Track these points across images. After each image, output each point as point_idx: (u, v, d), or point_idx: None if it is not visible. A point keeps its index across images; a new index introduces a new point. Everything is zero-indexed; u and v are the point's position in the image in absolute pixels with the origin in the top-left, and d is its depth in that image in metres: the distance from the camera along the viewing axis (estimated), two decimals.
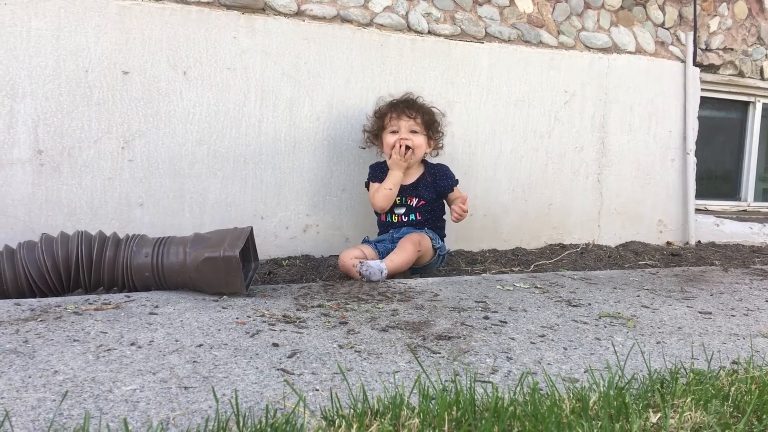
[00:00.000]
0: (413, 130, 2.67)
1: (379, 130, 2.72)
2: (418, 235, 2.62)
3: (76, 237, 2.01)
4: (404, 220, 2.73)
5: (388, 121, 2.68)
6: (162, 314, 1.75)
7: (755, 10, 4.00)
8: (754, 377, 1.23)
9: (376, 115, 2.74)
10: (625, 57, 3.53)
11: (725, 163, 4.30)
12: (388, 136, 2.68)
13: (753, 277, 2.78)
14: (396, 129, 2.66)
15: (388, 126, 2.68)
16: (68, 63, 2.45)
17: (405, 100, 2.72)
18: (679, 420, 0.99)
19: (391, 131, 2.67)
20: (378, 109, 2.74)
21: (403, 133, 2.65)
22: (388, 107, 2.71)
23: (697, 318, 2.02)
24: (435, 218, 2.78)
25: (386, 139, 2.69)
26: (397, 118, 2.66)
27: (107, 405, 1.14)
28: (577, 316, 1.96)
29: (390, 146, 2.65)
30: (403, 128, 2.65)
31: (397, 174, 2.65)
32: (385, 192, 2.65)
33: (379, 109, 2.74)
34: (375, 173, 2.76)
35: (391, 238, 2.67)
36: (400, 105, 2.69)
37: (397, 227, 2.72)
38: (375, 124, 2.74)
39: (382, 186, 2.66)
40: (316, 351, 1.50)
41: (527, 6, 3.29)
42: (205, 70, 2.65)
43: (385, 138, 2.70)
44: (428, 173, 2.76)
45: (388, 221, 2.74)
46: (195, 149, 2.66)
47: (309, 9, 2.80)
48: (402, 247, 2.53)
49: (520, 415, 0.96)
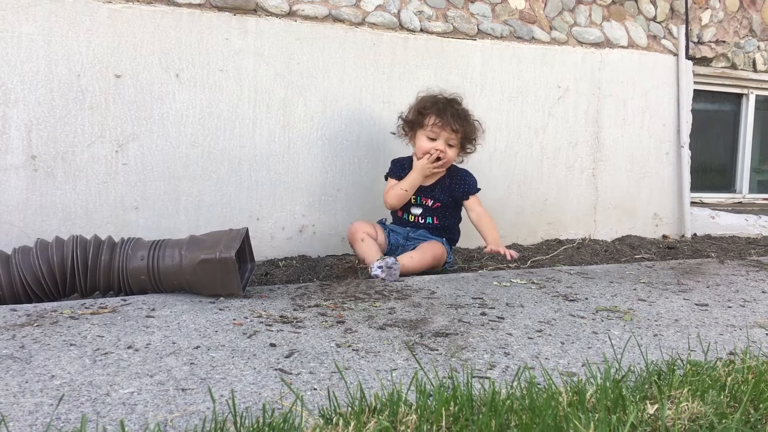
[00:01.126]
0: (451, 143, 2.58)
1: (416, 126, 2.61)
2: (441, 248, 2.61)
3: (71, 241, 2.01)
4: (421, 222, 2.70)
5: (429, 123, 2.57)
6: (159, 317, 1.75)
7: (747, 3, 4.01)
8: (750, 367, 1.23)
9: (418, 110, 2.60)
10: (618, 51, 3.54)
11: (720, 156, 4.31)
12: (424, 141, 2.58)
13: (749, 269, 2.79)
14: (435, 137, 2.57)
15: (428, 129, 2.57)
16: (60, 67, 2.45)
17: (454, 110, 2.58)
18: (677, 411, 0.99)
19: (428, 136, 2.57)
20: (423, 105, 2.60)
21: (440, 144, 2.56)
22: (434, 109, 2.57)
23: (693, 310, 2.02)
24: (452, 227, 2.76)
25: (420, 141, 2.59)
26: (441, 128, 2.55)
27: (104, 408, 1.14)
28: (574, 311, 1.97)
29: (423, 151, 2.58)
30: (441, 139, 2.56)
31: (417, 178, 2.60)
32: (400, 192, 2.61)
33: (423, 105, 2.60)
34: (395, 169, 2.71)
35: (406, 236, 2.67)
36: (448, 113, 2.56)
37: (413, 227, 2.70)
38: (415, 117, 2.61)
39: (399, 185, 2.61)
40: (314, 350, 1.50)
41: (519, 2, 3.30)
42: (197, 72, 2.64)
43: (419, 139, 2.60)
44: (447, 176, 2.69)
45: (405, 218, 2.71)
46: (189, 151, 2.66)
47: (301, 9, 2.80)
48: (423, 252, 2.53)
49: (517, 409, 0.96)
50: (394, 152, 3.00)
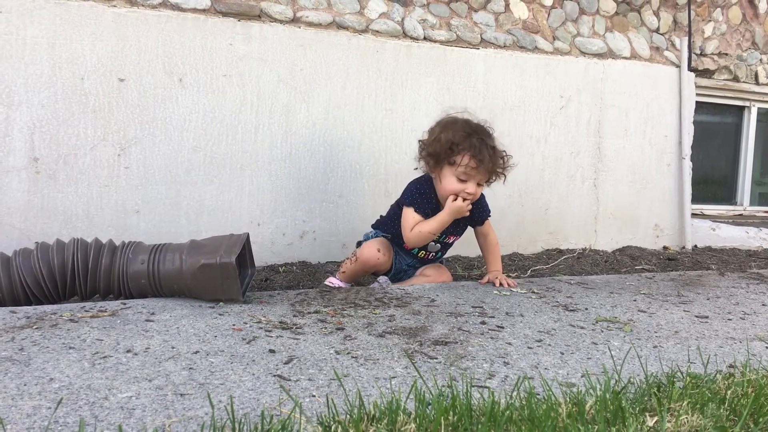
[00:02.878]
0: (480, 183, 2.36)
1: (444, 161, 2.31)
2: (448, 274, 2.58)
3: (72, 244, 2.01)
4: (431, 257, 2.57)
5: (462, 163, 2.28)
6: (158, 321, 1.75)
7: (749, 15, 4.02)
8: (750, 380, 1.23)
9: (449, 144, 2.28)
10: (621, 62, 3.55)
11: (721, 168, 4.31)
12: (454, 182, 2.31)
13: (749, 281, 2.78)
14: (466, 178, 2.31)
15: (459, 167, 2.29)
16: (64, 71, 2.45)
17: (489, 150, 2.30)
18: (676, 423, 0.98)
19: (459, 177, 2.30)
20: (454, 140, 2.28)
21: (472, 187, 2.31)
22: (469, 148, 2.27)
23: (693, 322, 2.02)
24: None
25: (448, 181, 2.32)
26: (475, 168, 2.29)
27: (103, 412, 1.13)
28: (574, 321, 1.96)
29: (452, 192, 2.32)
30: (473, 181, 2.32)
31: (447, 220, 2.34)
32: (427, 236, 2.37)
33: (455, 140, 2.28)
34: (420, 203, 2.40)
35: (412, 265, 2.57)
36: (485, 154, 2.28)
37: (420, 261, 2.57)
38: (443, 150, 2.30)
39: (426, 227, 2.35)
40: (313, 357, 1.50)
41: (522, 12, 3.31)
42: (201, 77, 2.65)
43: (446, 176, 2.32)
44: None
45: (414, 252, 2.53)
46: (191, 156, 2.66)
47: (305, 16, 2.81)
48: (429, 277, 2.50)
49: (516, 420, 0.96)
50: (395, 159, 3.00)
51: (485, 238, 2.57)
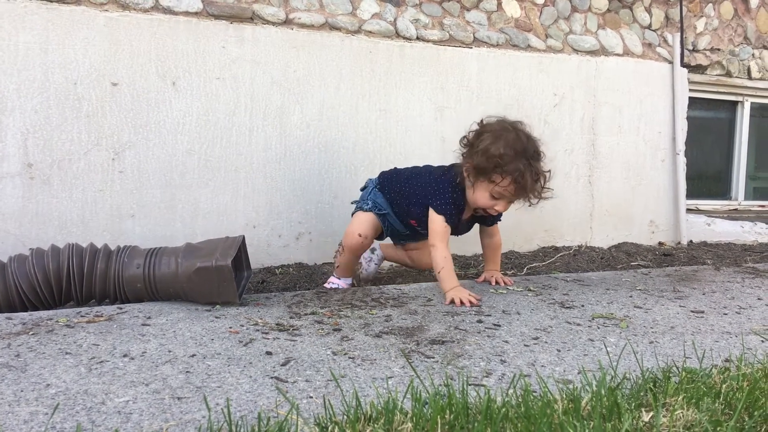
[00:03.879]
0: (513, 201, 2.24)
1: (486, 172, 2.15)
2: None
3: (66, 249, 2.00)
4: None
5: (501, 183, 2.15)
6: (154, 325, 1.75)
7: (741, 10, 4.03)
8: (745, 374, 1.24)
9: (495, 161, 2.12)
10: (613, 59, 3.55)
11: (715, 163, 4.32)
12: (486, 197, 2.20)
13: (745, 276, 2.79)
14: (500, 198, 2.20)
15: (498, 187, 2.16)
16: (57, 76, 2.45)
17: (534, 175, 2.15)
18: (671, 418, 0.99)
19: (493, 195, 2.19)
20: (501, 158, 2.11)
21: (502, 206, 2.23)
22: (513, 169, 2.11)
23: (689, 317, 2.03)
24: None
25: (481, 195, 2.21)
26: (514, 192, 2.17)
27: (100, 417, 1.13)
28: (570, 318, 1.97)
29: (480, 207, 2.24)
30: (506, 201, 2.22)
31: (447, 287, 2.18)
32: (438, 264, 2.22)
33: (502, 157, 2.11)
34: (452, 215, 2.27)
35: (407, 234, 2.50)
36: (527, 179, 2.12)
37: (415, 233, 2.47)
38: (485, 166, 2.14)
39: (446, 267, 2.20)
40: (310, 358, 1.50)
41: (515, 11, 3.31)
42: (194, 80, 2.65)
43: (481, 190, 2.20)
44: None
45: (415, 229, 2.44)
46: (185, 159, 2.66)
47: (297, 17, 2.81)
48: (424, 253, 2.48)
49: (512, 417, 0.96)
50: (390, 159, 3.00)
51: (491, 238, 2.53)
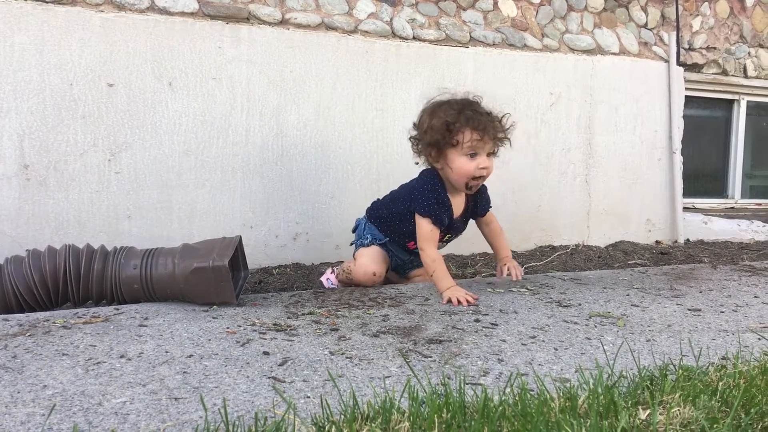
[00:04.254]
0: (490, 152, 2.17)
1: (445, 146, 2.14)
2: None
3: (63, 250, 2.00)
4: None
5: (463, 138, 2.11)
6: (151, 326, 1.75)
7: (737, 9, 4.04)
8: (742, 372, 1.24)
9: (444, 127, 2.12)
10: (609, 58, 3.56)
11: (712, 161, 4.33)
12: (464, 161, 2.13)
13: (741, 274, 2.80)
14: (475, 151, 2.13)
15: (464, 145, 2.11)
16: (53, 77, 2.45)
17: (485, 117, 2.14)
18: (668, 416, 0.99)
19: (467, 153, 2.12)
20: (447, 120, 2.12)
21: (485, 160, 2.14)
22: (466, 122, 2.11)
23: (686, 315, 2.03)
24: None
25: (458, 162, 2.14)
26: (480, 139, 2.11)
27: (97, 418, 1.13)
28: (567, 317, 1.97)
29: (468, 174, 2.15)
30: (484, 153, 2.14)
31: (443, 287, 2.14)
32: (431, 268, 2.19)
33: (448, 119, 2.12)
34: (437, 213, 2.20)
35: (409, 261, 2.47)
36: (482, 120, 2.12)
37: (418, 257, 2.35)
38: (441, 135, 2.13)
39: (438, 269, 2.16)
40: (307, 358, 1.50)
41: (511, 10, 3.31)
42: (190, 80, 2.65)
43: (454, 160, 2.15)
44: (471, 200, 2.35)
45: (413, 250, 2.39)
46: (182, 160, 2.65)
47: (293, 17, 2.81)
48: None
49: (509, 416, 0.97)
50: (387, 159, 3.01)
51: (489, 226, 2.44)
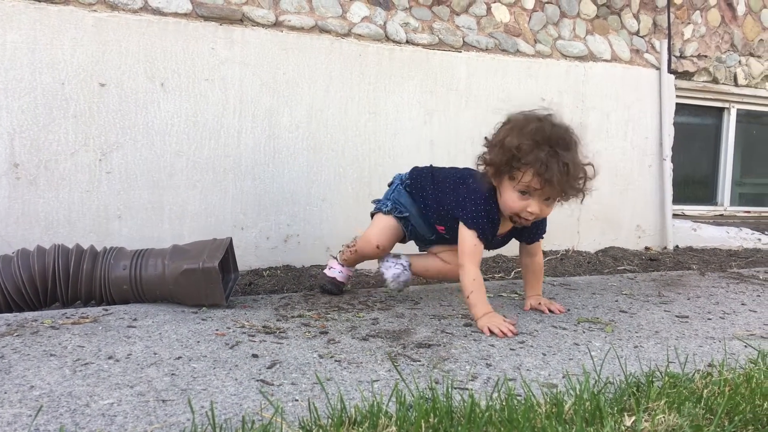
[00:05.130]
0: (548, 197, 1.91)
1: (504, 171, 1.89)
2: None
3: (52, 250, 1.99)
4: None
5: (521, 178, 1.85)
6: (140, 327, 1.74)
7: (728, 18, 4.07)
8: (727, 380, 1.25)
9: (511, 154, 1.84)
10: (601, 65, 3.58)
11: (701, 169, 4.36)
12: (515, 197, 1.89)
13: (729, 281, 2.82)
14: (527, 191, 1.87)
15: (522, 181, 1.85)
16: (44, 76, 2.44)
17: (563, 165, 1.81)
18: (653, 423, 1.00)
19: (520, 190, 1.87)
20: (516, 149, 1.82)
21: (535, 205, 1.89)
22: (532, 160, 1.81)
23: (674, 322, 2.04)
24: None
25: (508, 196, 1.90)
26: (540, 187, 1.84)
27: (84, 419, 1.13)
28: (556, 322, 1.98)
29: (511, 211, 1.92)
30: (538, 196, 1.88)
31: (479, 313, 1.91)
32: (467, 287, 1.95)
33: (518, 148, 1.82)
34: (485, 229, 1.99)
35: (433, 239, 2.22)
36: (553, 170, 1.80)
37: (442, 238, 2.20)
38: (505, 161, 1.86)
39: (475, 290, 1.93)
40: (296, 361, 1.50)
41: (504, 15, 3.33)
42: (182, 81, 2.64)
43: (506, 190, 1.91)
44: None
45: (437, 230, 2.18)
46: (173, 160, 2.65)
47: (287, 20, 2.81)
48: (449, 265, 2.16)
49: (495, 421, 0.97)
50: (379, 163, 3.01)
51: (532, 257, 2.21)
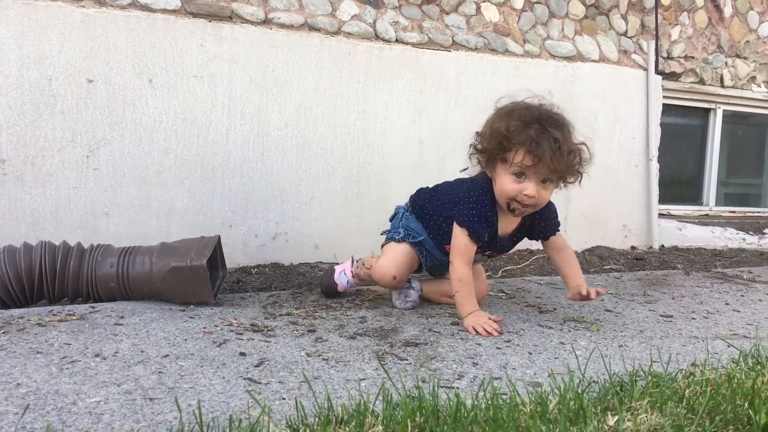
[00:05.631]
0: (546, 179, 1.85)
1: (498, 154, 1.85)
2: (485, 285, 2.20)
3: (39, 247, 1.99)
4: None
5: (513, 159, 1.80)
6: (127, 325, 1.74)
7: (715, 19, 4.10)
8: (709, 379, 1.27)
9: (500, 138, 1.82)
10: (589, 65, 3.60)
11: (687, 169, 4.40)
12: (509, 181, 1.84)
13: (714, 281, 2.85)
14: (523, 171, 1.82)
15: (514, 162, 1.81)
16: (32, 71, 2.42)
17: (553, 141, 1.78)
18: (635, 422, 1.01)
19: (514, 172, 1.83)
20: (506, 131, 1.80)
21: (531, 186, 1.82)
22: (523, 139, 1.78)
23: (658, 321, 2.07)
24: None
25: (503, 181, 1.85)
26: (533, 164, 1.79)
27: (70, 417, 1.13)
28: (542, 321, 2.00)
29: (508, 196, 1.86)
30: (533, 177, 1.82)
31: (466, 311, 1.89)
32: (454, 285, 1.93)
33: (507, 131, 1.80)
34: (477, 228, 1.92)
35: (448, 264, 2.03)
36: (543, 147, 1.77)
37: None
38: (492, 146, 1.85)
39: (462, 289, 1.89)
40: (284, 359, 1.51)
41: (493, 15, 3.34)
42: (171, 78, 2.64)
43: (501, 175, 1.86)
44: (528, 219, 2.03)
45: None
46: (162, 157, 2.64)
47: (276, 17, 2.81)
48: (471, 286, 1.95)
49: (480, 421, 0.98)
50: (367, 161, 3.01)
51: (560, 251, 2.09)
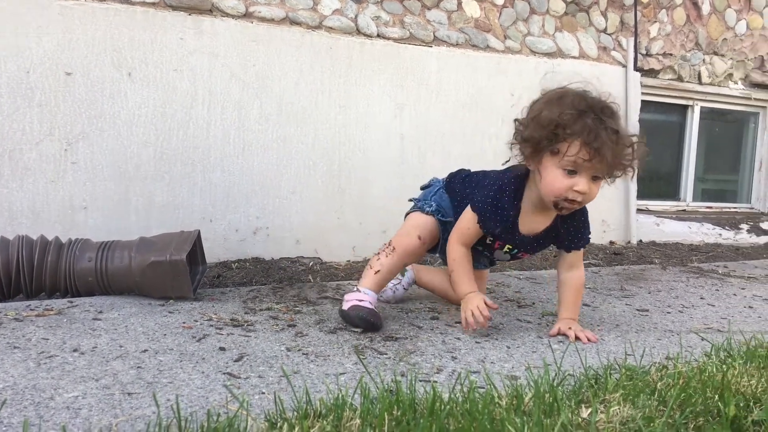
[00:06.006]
0: (597, 176, 1.71)
1: (545, 148, 1.69)
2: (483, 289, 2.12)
3: (16, 241, 1.97)
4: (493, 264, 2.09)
5: (568, 151, 1.64)
6: (106, 320, 1.73)
7: (693, 17, 4.15)
8: (681, 372, 1.29)
9: (553, 126, 1.66)
10: (569, 61, 3.63)
11: (665, 165, 4.45)
12: (559, 176, 1.68)
13: (689, 275, 2.89)
14: (574, 168, 1.66)
15: (566, 156, 1.65)
16: (9, 64, 2.40)
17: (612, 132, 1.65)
18: (608, 414, 1.03)
19: (566, 168, 1.67)
20: (561, 120, 1.65)
21: (583, 182, 1.67)
22: (579, 129, 1.64)
23: (634, 315, 2.10)
24: None
25: (552, 175, 1.69)
26: (589, 158, 1.64)
27: (48, 412, 1.13)
28: (521, 316, 2.02)
29: (556, 193, 1.70)
30: (586, 172, 1.67)
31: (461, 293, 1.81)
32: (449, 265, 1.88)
33: (562, 119, 1.65)
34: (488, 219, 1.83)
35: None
36: (602, 138, 1.63)
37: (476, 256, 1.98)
38: (544, 135, 1.68)
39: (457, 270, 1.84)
40: (264, 354, 1.51)
41: (474, 11, 3.35)
42: (150, 71, 2.62)
43: (548, 169, 1.70)
44: (561, 224, 1.87)
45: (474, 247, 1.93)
46: (141, 151, 2.63)
47: (257, 11, 2.80)
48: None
49: (456, 414, 1.00)
50: (348, 156, 3.02)
51: (570, 271, 1.92)
